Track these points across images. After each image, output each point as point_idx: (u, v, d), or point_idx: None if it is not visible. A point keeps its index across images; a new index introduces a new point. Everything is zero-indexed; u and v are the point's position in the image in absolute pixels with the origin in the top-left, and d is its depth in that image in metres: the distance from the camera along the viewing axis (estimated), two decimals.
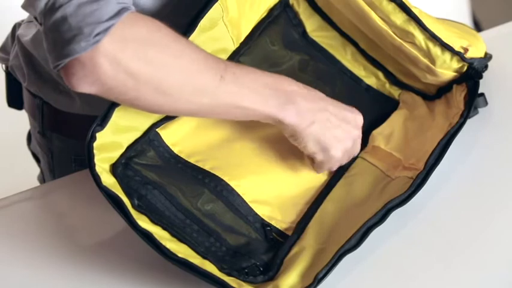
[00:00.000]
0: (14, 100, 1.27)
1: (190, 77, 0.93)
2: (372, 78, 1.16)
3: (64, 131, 1.20)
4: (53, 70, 0.90)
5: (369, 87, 1.15)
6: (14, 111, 1.32)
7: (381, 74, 1.16)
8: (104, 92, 0.90)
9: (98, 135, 0.97)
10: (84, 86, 0.89)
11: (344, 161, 1.05)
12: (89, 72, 0.88)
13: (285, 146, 1.06)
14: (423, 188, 1.01)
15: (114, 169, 0.99)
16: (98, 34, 0.86)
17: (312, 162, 1.04)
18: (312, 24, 1.16)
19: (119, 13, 0.88)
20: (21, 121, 1.44)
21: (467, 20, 1.99)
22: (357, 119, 1.04)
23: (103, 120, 0.98)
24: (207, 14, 1.02)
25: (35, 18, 0.91)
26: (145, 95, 0.92)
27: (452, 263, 1.00)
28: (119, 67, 0.88)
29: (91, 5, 0.87)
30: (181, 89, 0.93)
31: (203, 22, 1.02)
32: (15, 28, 1.24)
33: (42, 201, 1.14)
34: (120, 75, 0.89)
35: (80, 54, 0.86)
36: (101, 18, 0.87)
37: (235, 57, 1.09)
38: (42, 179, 1.34)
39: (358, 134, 1.04)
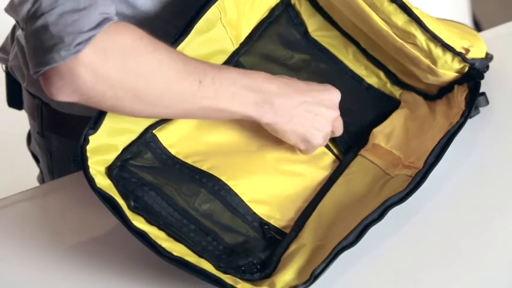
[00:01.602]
0: (14, 100, 1.27)
1: (169, 85, 0.94)
2: (373, 78, 1.16)
3: (63, 132, 1.20)
4: (32, 76, 0.90)
5: (370, 86, 1.15)
6: (14, 111, 1.31)
7: (382, 74, 1.16)
8: (83, 100, 0.90)
9: (91, 138, 0.97)
10: (63, 95, 0.89)
11: (326, 141, 1.08)
12: (68, 82, 0.88)
13: (283, 145, 1.06)
14: (423, 187, 1.01)
15: (110, 171, 0.99)
16: (78, 44, 0.86)
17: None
18: (313, 24, 1.16)
19: (101, 23, 0.88)
20: (21, 121, 1.44)
21: (467, 20, 1.99)
22: (333, 98, 1.05)
23: (95, 123, 0.98)
24: (204, 16, 1.02)
25: (17, 22, 0.91)
26: (124, 103, 0.93)
27: (452, 263, 1.00)
28: (98, 77, 0.88)
29: (73, 14, 0.87)
30: (160, 97, 0.94)
31: (200, 24, 1.02)
32: (14, 29, 1.24)
33: (42, 201, 1.14)
34: (99, 86, 0.89)
35: (59, 64, 0.86)
36: (82, 28, 0.86)
37: (235, 57, 1.09)
38: (41, 179, 1.34)
39: (336, 114, 1.06)
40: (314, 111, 1.04)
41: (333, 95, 1.05)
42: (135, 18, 1.07)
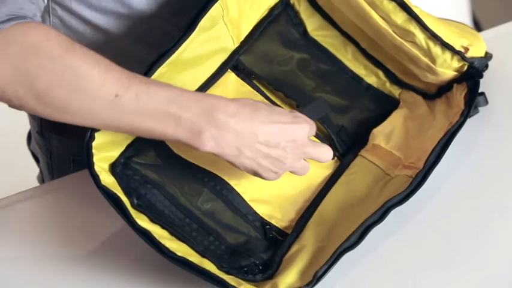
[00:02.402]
0: None
1: (75, 92, 0.89)
2: (372, 77, 1.16)
3: (62, 132, 1.20)
4: None
5: (369, 86, 1.15)
6: (14, 111, 1.31)
7: (381, 73, 1.16)
8: None
9: (96, 134, 0.97)
10: None
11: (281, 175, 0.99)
12: None
13: None
14: (423, 188, 1.01)
15: (114, 168, 0.99)
16: None
17: None
18: (312, 24, 1.16)
19: (6, 21, 0.87)
20: (21, 121, 1.44)
21: (467, 20, 1.99)
22: (296, 137, 0.95)
23: None
24: (207, 14, 1.02)
25: None
26: (28, 104, 0.89)
27: (452, 263, 1.00)
28: None
29: None
30: (67, 103, 0.89)
31: (203, 22, 1.02)
32: None
33: (42, 201, 1.14)
34: None
35: None
36: None
37: (235, 56, 1.09)
38: (41, 179, 1.34)
39: (293, 160, 0.96)
40: (271, 153, 0.95)
41: (295, 134, 0.95)
42: (130, 17, 1.07)
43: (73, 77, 0.89)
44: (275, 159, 0.96)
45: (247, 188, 1.04)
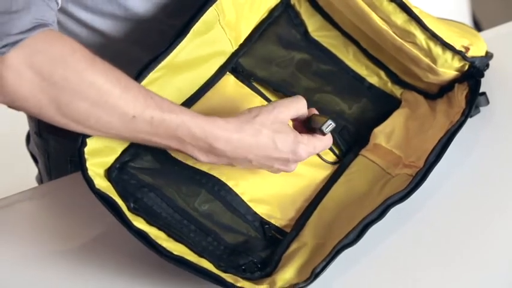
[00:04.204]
0: None
1: (96, 108, 0.91)
2: (374, 77, 1.16)
3: (60, 132, 1.19)
4: None
5: (371, 85, 1.15)
6: (14, 112, 1.31)
7: (382, 73, 1.16)
8: (7, 103, 0.90)
9: (88, 140, 0.97)
10: None
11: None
12: None
13: None
14: (423, 187, 1.01)
15: (109, 174, 0.99)
16: (4, 46, 0.86)
17: None
18: (313, 24, 1.16)
19: (31, 29, 0.87)
20: (21, 121, 1.44)
21: (467, 20, 1.99)
22: (290, 168, 1.01)
23: None
24: (201, 18, 1.02)
25: None
26: (47, 113, 0.91)
27: (452, 262, 1.01)
28: (21, 82, 0.87)
29: (3, 16, 0.86)
30: (86, 117, 0.92)
31: (198, 26, 1.02)
32: None
33: (42, 201, 1.14)
34: (22, 90, 0.88)
35: None
36: (10, 31, 0.86)
37: (234, 58, 1.09)
38: (40, 179, 1.34)
39: (288, 164, 1.01)
40: (264, 164, 0.99)
41: (290, 168, 1.01)
42: (127, 19, 1.07)
43: (96, 93, 0.90)
44: (266, 167, 1.01)
45: (245, 189, 1.04)
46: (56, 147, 1.22)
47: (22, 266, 1.04)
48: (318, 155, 1.09)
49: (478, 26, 2.17)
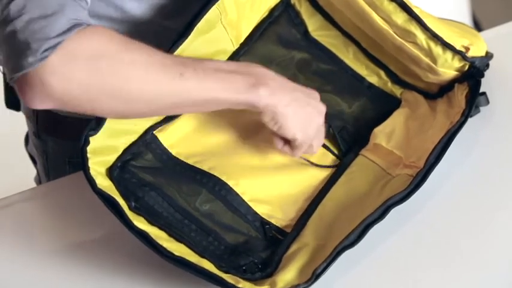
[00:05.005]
0: (12, 101, 1.27)
1: (146, 82, 0.92)
2: (374, 77, 1.16)
3: (58, 133, 1.20)
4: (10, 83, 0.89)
5: (371, 85, 1.15)
6: (14, 112, 1.31)
7: (382, 73, 1.16)
8: (59, 106, 0.89)
9: (91, 139, 0.97)
10: (36, 103, 0.88)
11: (315, 148, 1.05)
12: (38, 90, 0.87)
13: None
14: (424, 187, 1.01)
15: (111, 172, 0.99)
16: (45, 50, 0.85)
17: (290, 147, 1.04)
18: (313, 24, 1.16)
19: (69, 29, 0.87)
20: (21, 122, 1.44)
21: (467, 20, 1.99)
22: (319, 106, 1.04)
23: (97, 125, 0.98)
24: (204, 17, 1.02)
25: None
26: (102, 105, 0.91)
27: (452, 263, 1.01)
28: (69, 83, 0.87)
29: (40, 21, 0.86)
30: (140, 95, 0.92)
31: (200, 25, 1.03)
32: None
33: (42, 201, 1.14)
34: (71, 91, 0.88)
35: (28, 71, 0.85)
36: (49, 34, 0.86)
37: (235, 57, 1.10)
38: (38, 180, 1.34)
39: (321, 120, 1.04)
40: (305, 101, 1.02)
41: (318, 104, 1.04)
42: (123, 21, 1.07)
43: (140, 69, 0.91)
44: (311, 107, 1.03)
45: (246, 189, 1.04)
46: (55, 148, 1.22)
47: (22, 266, 1.05)
48: (315, 164, 1.08)
49: (478, 26, 2.17)
